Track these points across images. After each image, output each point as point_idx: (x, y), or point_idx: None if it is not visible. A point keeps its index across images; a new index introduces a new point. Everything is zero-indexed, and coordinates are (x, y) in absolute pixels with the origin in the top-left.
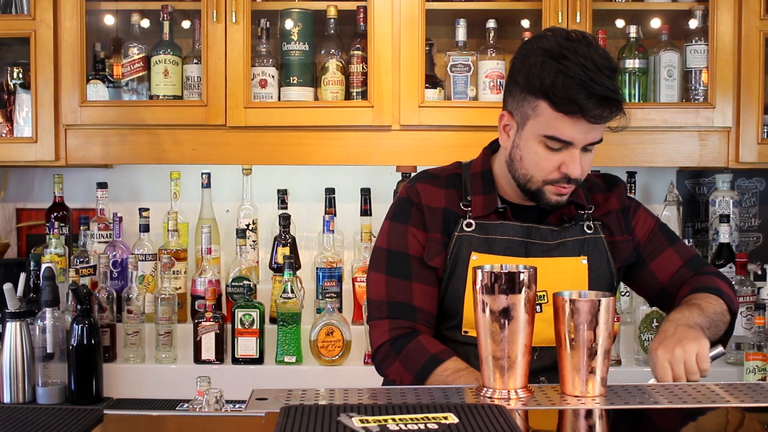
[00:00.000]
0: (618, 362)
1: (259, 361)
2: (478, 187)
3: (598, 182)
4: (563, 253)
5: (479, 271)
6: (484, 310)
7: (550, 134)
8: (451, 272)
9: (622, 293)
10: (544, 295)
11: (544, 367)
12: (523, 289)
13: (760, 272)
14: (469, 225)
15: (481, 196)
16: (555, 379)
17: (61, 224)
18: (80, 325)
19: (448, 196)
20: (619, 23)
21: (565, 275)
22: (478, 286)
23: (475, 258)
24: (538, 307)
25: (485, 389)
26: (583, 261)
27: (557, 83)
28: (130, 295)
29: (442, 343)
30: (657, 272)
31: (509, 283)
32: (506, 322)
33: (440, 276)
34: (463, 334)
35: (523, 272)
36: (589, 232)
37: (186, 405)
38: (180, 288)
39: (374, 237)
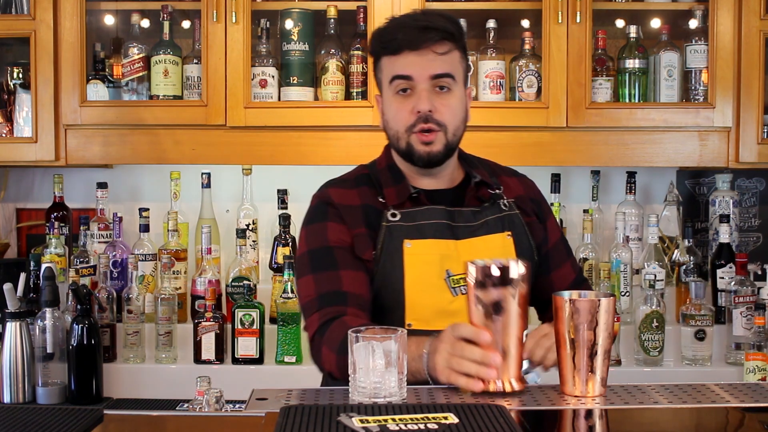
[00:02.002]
0: (618, 362)
1: (259, 361)
2: (388, 179)
3: (504, 168)
4: (488, 230)
5: (472, 266)
6: (477, 304)
7: (392, 76)
8: (384, 263)
9: (622, 293)
10: None
11: None
12: (515, 283)
13: (760, 272)
14: (394, 215)
15: (393, 187)
16: None
17: (61, 224)
18: (80, 325)
19: (362, 194)
20: (619, 23)
21: (494, 252)
22: (472, 280)
23: (409, 245)
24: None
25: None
26: (508, 236)
27: (382, 33)
28: (130, 295)
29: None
30: (556, 282)
31: (502, 277)
32: (499, 315)
33: (371, 270)
34: (407, 327)
35: (515, 266)
36: (505, 209)
37: (186, 405)
38: (180, 288)
39: None
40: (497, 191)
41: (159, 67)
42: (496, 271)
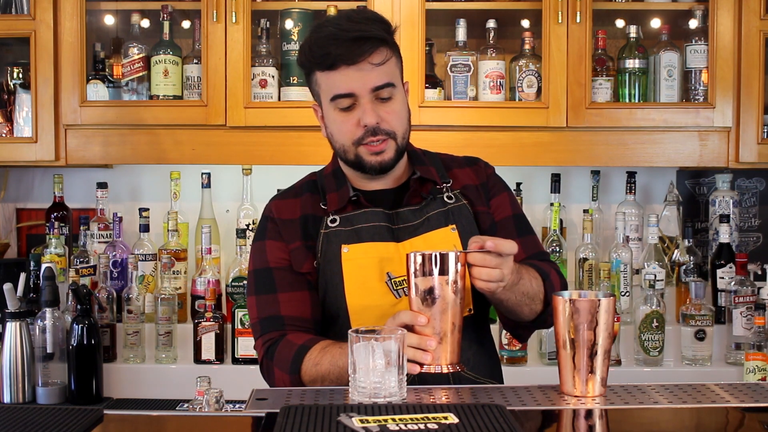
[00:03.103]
0: (618, 362)
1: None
2: (331, 185)
3: (459, 159)
4: (429, 227)
5: (411, 255)
6: (416, 291)
7: (333, 95)
8: (325, 271)
9: (622, 293)
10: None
11: None
12: (452, 272)
13: (760, 272)
14: (333, 221)
15: (335, 192)
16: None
17: (61, 224)
18: (80, 325)
19: (304, 202)
20: (619, 23)
21: (437, 248)
22: (411, 269)
23: (346, 250)
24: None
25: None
26: (452, 230)
27: (312, 47)
28: (130, 295)
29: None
30: None
31: (439, 266)
32: (436, 302)
33: (315, 281)
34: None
35: (452, 256)
36: (450, 201)
37: (186, 405)
38: (180, 288)
39: None
40: (442, 185)
41: (159, 67)
42: (433, 261)
